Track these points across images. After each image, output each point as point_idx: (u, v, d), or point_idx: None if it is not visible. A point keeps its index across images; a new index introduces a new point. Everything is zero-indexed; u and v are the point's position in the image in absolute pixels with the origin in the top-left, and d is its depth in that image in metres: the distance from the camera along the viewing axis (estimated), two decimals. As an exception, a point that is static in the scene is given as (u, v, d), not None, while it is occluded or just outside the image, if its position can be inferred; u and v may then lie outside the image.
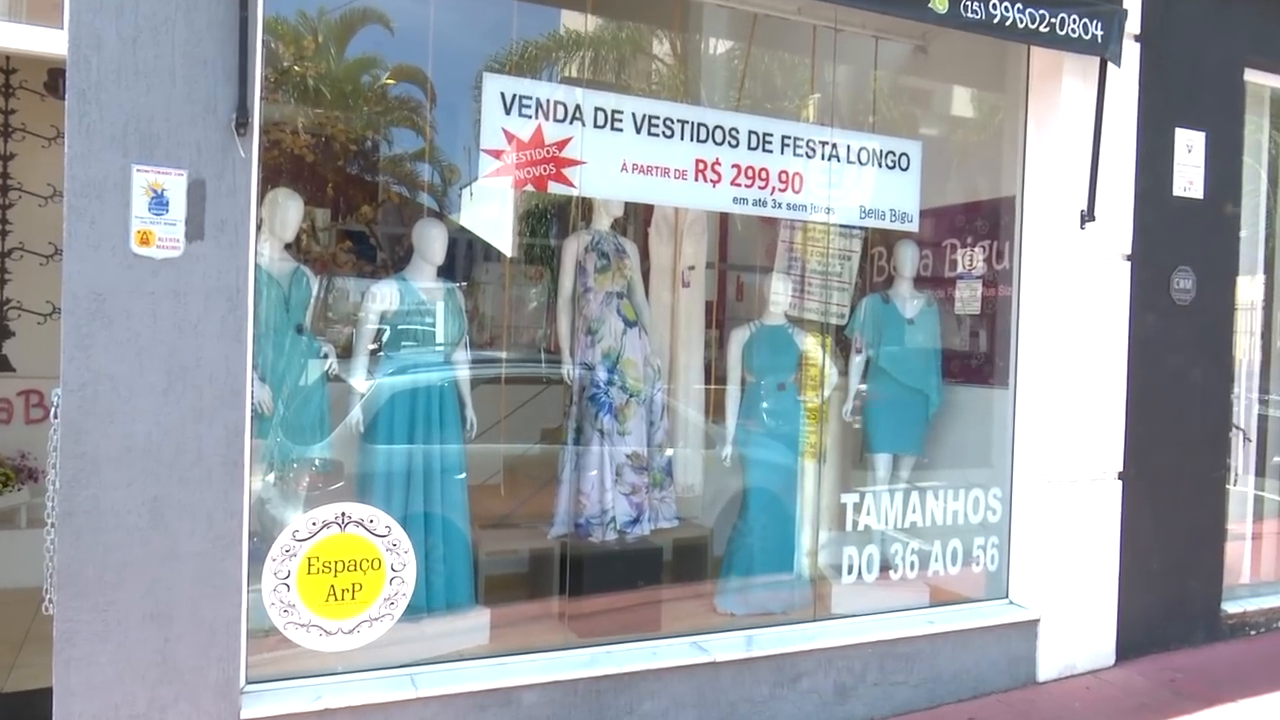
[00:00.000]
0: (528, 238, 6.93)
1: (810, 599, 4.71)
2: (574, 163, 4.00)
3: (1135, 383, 4.97)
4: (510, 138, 3.88)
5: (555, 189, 4.07)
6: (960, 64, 5.51)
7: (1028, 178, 4.89)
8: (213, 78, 3.06)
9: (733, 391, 4.96)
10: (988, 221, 5.27)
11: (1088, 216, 4.70)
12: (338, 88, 6.38)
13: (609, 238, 4.76)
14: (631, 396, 4.65)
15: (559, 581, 4.53)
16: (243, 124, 3.08)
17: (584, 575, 4.49)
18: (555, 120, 3.97)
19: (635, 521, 4.69)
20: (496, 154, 3.86)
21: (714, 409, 5.22)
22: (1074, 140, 4.71)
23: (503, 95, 3.87)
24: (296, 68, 5.89)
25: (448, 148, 6.26)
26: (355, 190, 6.58)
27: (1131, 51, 4.81)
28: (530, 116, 3.91)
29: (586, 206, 4.86)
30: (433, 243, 4.23)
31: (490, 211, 5.72)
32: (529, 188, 4.16)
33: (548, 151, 3.95)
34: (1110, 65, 4.59)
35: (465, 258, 6.31)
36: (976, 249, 5.34)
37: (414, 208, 6.64)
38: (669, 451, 4.93)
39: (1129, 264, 4.93)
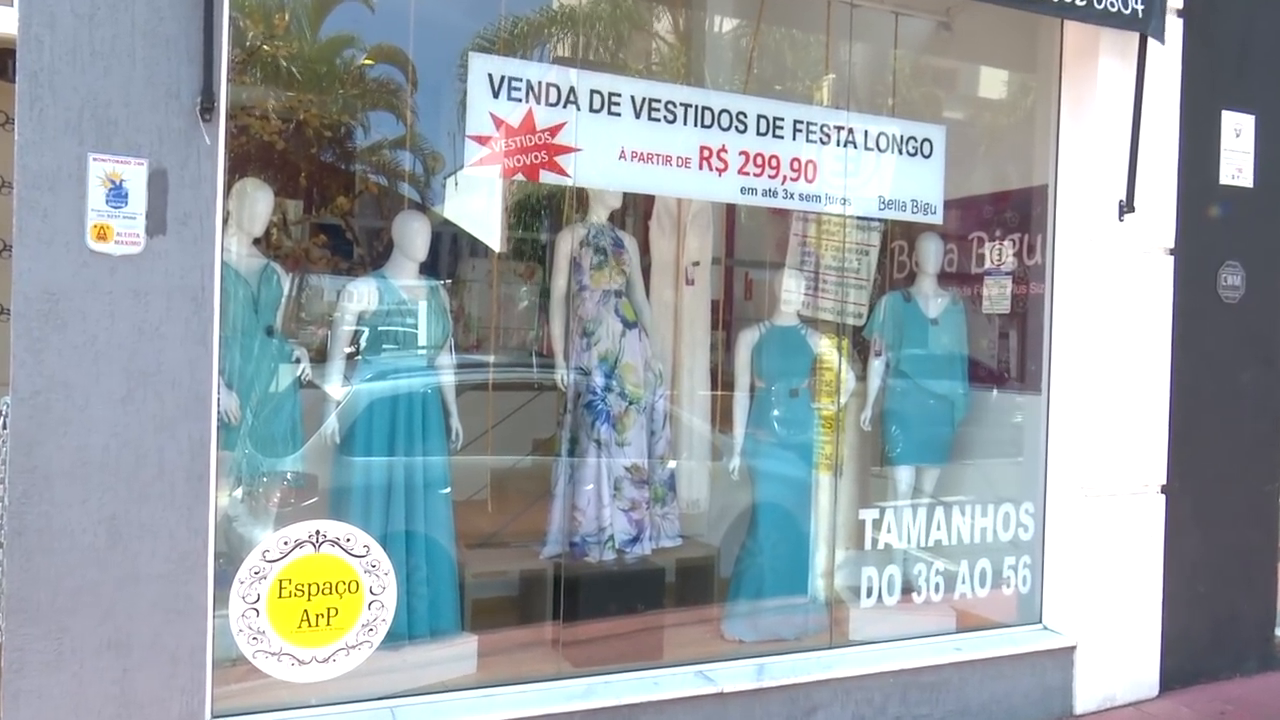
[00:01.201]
0: (518, 232, 6.94)
1: (826, 624, 4.70)
2: (568, 150, 3.98)
3: (1179, 388, 4.94)
4: (499, 123, 3.86)
5: (548, 178, 4.04)
6: (987, 41, 5.48)
7: (1061, 165, 4.87)
8: (175, 59, 3.06)
9: (741, 398, 4.94)
10: (1018, 213, 5.25)
11: (1126, 207, 4.68)
12: (311, 69, 6.38)
13: (606, 231, 4.75)
14: (631, 404, 4.65)
15: (552, 605, 4.51)
16: (208, 109, 3.07)
17: (579, 599, 4.47)
18: (547, 104, 3.95)
19: (635, 540, 4.68)
20: (484, 140, 3.85)
21: (721, 417, 5.21)
22: (1112, 124, 4.69)
23: (490, 77, 3.86)
24: (266, 47, 5.88)
25: (430, 134, 6.26)
26: (330, 180, 6.59)
27: (1174, 28, 4.79)
28: (520, 100, 3.90)
29: (582, 198, 4.84)
30: (414, 237, 4.23)
31: (477, 203, 5.71)
32: (519, 177, 4.17)
33: (539, 138, 3.94)
34: (1151, 43, 4.57)
35: (450, 253, 6.32)
36: (1006, 243, 5.31)
37: (394, 199, 6.63)
38: (672, 464, 4.93)
39: (1172, 259, 4.91)
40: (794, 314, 4.98)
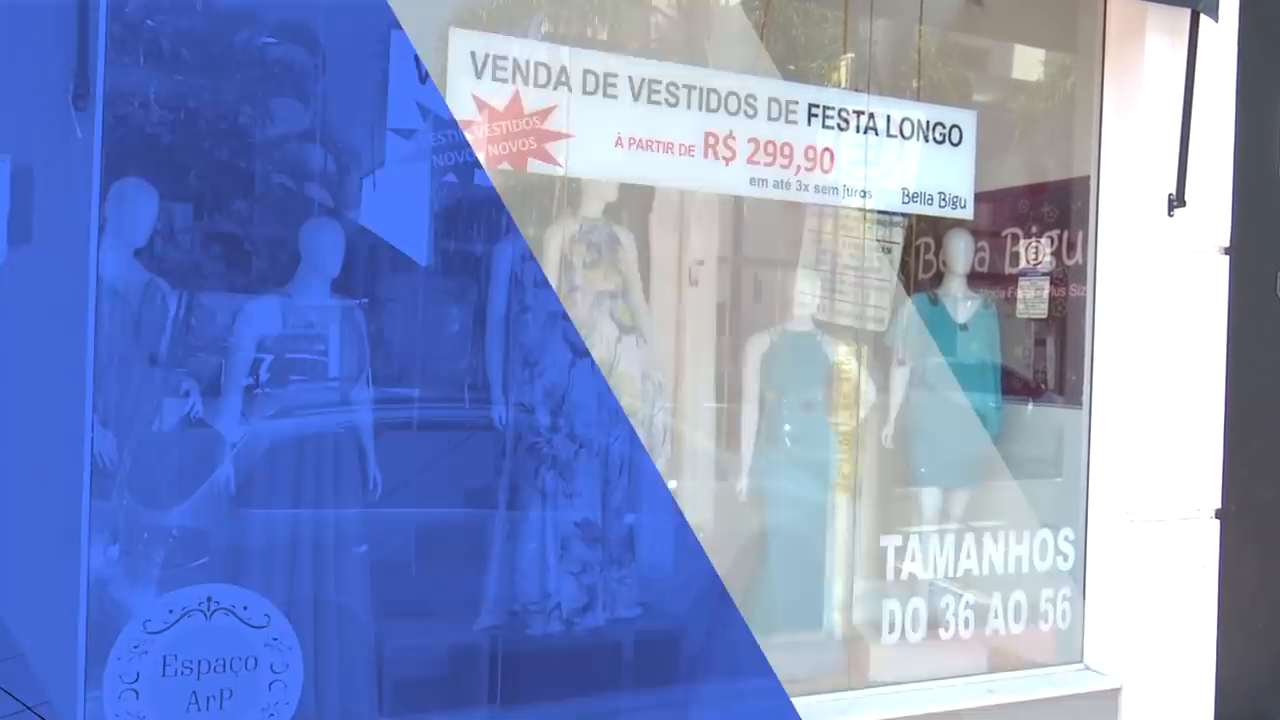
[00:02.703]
0: (448, 242, 6.52)
1: (843, 663, 4.48)
2: (559, 136, 3.80)
3: (1235, 402, 4.64)
4: (481, 106, 3.68)
5: (536, 167, 3.83)
6: (1023, 18, 5.21)
7: (1104, 155, 4.62)
8: (43, 37, 2.83)
9: (749, 412, 4.64)
10: (1056, 207, 5.00)
11: (1177, 201, 4.41)
12: (203, 48, 5.98)
13: (600, 226, 4.48)
14: (580, 448, 4.27)
15: (488, 686, 4.15)
16: (81, 96, 2.86)
17: (521, 678, 4.11)
18: (536, 85, 3.77)
19: (587, 609, 4.29)
20: (466, 126, 3.70)
21: (727, 433, 4.93)
22: (1160, 110, 4.42)
23: (473, 55, 3.66)
24: (150, 23, 5.47)
25: (346, 126, 5.92)
26: (225, 180, 6.23)
27: (1229, 3, 4.48)
28: (506, 81, 3.72)
29: (573, 189, 4.58)
30: (325, 249, 4.05)
31: (400, 208, 5.28)
32: (504, 165, 3.93)
33: (527, 123, 3.77)
34: (1204, 21, 4.32)
35: (367, 267, 5.89)
36: (1043, 240, 5.05)
37: (301, 203, 6.25)
38: (630, 518, 4.56)
39: (1227, 258, 4.62)
40: (808, 318, 4.67)
